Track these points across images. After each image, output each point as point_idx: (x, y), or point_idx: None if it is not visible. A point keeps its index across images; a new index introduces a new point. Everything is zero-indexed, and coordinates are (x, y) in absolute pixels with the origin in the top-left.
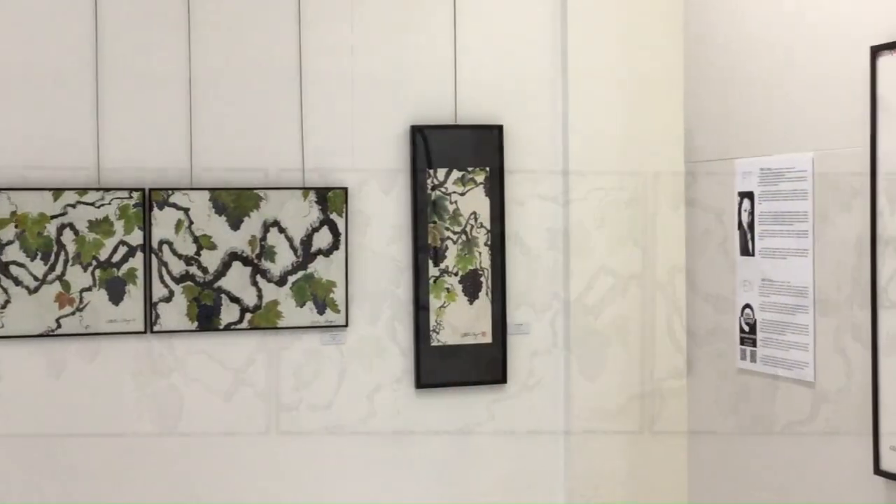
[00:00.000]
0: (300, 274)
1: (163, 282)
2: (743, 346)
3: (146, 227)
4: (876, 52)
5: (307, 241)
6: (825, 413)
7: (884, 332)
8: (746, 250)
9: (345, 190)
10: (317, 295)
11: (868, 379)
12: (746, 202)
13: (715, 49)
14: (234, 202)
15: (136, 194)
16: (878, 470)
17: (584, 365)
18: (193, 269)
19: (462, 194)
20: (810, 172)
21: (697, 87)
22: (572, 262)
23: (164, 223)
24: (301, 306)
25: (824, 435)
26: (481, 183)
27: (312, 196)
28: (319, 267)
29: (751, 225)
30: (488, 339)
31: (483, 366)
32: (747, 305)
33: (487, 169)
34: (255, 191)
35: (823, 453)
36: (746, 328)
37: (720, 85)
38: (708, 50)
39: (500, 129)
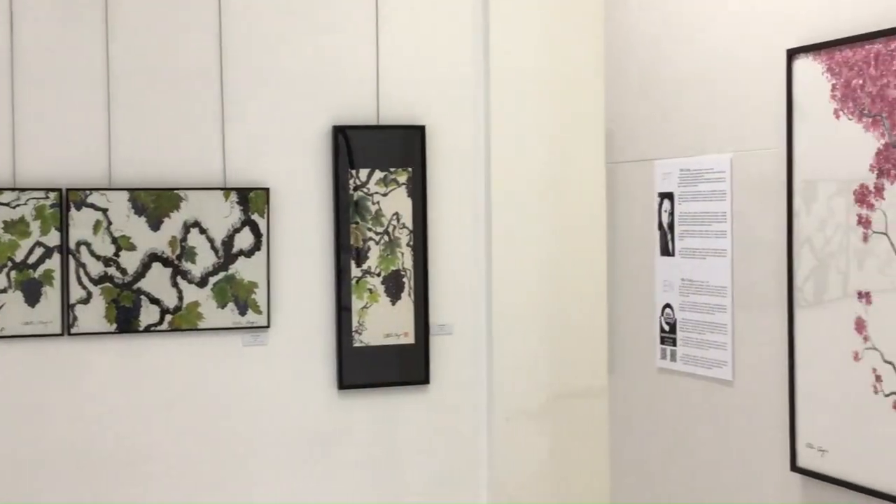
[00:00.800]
0: (221, 275)
1: (80, 283)
2: (663, 346)
3: (63, 228)
4: (792, 55)
5: (228, 241)
6: (743, 411)
7: (800, 331)
8: (667, 250)
9: (266, 190)
10: (238, 296)
11: (785, 377)
12: (667, 203)
13: (635, 51)
14: (153, 202)
15: (52, 194)
16: (794, 467)
17: (507, 365)
18: (112, 271)
19: (384, 195)
20: (728, 173)
21: (618, 88)
22: (495, 262)
23: (81, 224)
24: (222, 307)
25: (742, 433)
26: (404, 183)
27: (234, 196)
28: (241, 268)
29: (671, 225)
30: (411, 340)
31: (406, 366)
32: (667, 305)
33: (410, 169)
34: (176, 191)
35: (742, 451)
36: (667, 328)
37: (640, 86)
38: (628, 51)
39: (422, 129)
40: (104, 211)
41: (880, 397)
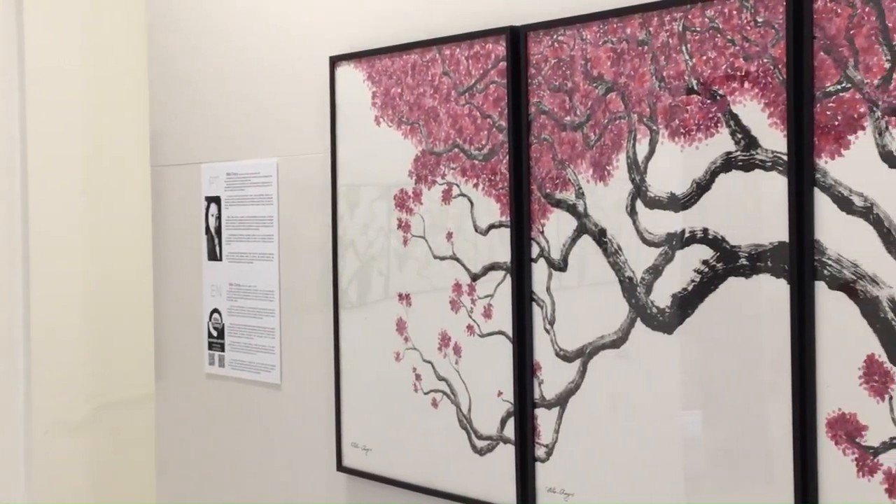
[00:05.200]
0: None
1: None
2: (211, 351)
3: None
4: (334, 62)
5: None
6: (291, 414)
7: (345, 333)
8: (214, 255)
9: None
10: None
11: (331, 379)
12: (214, 207)
13: (180, 52)
14: None
15: None
16: (340, 467)
17: (46, 375)
18: None
19: None
20: (275, 178)
21: (163, 89)
22: (33, 268)
23: None
24: None
25: (291, 435)
26: None
27: None
28: None
29: (218, 230)
30: None
31: None
32: (215, 310)
33: None
34: None
35: (291, 453)
36: (215, 333)
37: (186, 89)
38: (173, 53)
39: None
40: None
41: (420, 395)
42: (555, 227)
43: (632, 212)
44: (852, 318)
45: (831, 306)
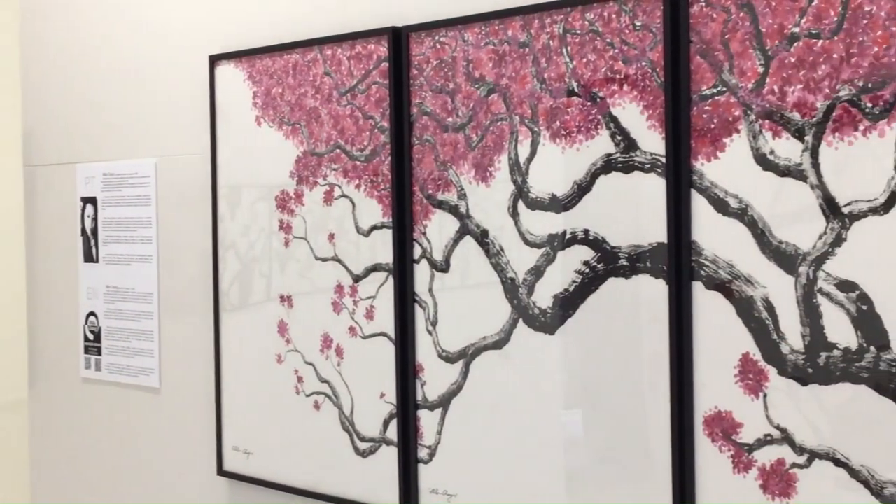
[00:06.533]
0: None
1: None
2: (87, 355)
3: None
4: (214, 61)
5: None
6: (171, 418)
7: (225, 336)
8: (90, 257)
9: None
10: None
11: (212, 382)
12: (90, 208)
13: (55, 47)
14: None
15: None
16: (221, 471)
17: None
18: None
19: None
20: (154, 178)
21: (37, 87)
22: None
23: None
24: None
25: (171, 440)
26: None
27: None
28: None
29: (94, 231)
30: None
31: None
32: (92, 313)
33: None
34: None
35: (171, 458)
36: (91, 337)
37: (62, 87)
38: (48, 50)
39: None
40: None
41: (302, 397)
42: (437, 229)
43: (514, 213)
44: (728, 318)
45: (708, 306)
